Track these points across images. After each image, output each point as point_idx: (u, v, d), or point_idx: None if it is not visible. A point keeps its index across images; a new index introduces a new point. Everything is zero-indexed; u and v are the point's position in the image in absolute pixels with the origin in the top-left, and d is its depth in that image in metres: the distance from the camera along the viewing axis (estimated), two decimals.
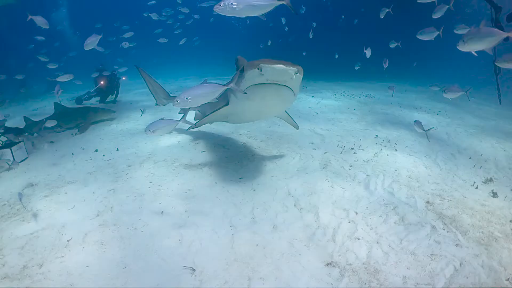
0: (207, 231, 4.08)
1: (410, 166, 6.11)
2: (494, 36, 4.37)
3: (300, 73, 4.35)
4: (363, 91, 15.12)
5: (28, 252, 3.81)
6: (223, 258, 3.58)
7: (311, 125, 8.72)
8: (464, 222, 4.33)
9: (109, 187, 5.32)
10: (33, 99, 15.43)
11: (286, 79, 4.26)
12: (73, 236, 4.05)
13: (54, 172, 6.07)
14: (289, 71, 4.16)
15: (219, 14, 3.94)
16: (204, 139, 7.45)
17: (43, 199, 5.03)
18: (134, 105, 12.29)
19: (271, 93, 4.46)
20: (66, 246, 3.87)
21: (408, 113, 10.58)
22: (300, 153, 6.60)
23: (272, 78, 4.24)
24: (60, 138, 8.26)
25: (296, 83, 4.48)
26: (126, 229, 4.17)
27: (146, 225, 4.24)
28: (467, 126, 9.30)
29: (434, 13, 7.32)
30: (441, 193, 5.10)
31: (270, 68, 4.14)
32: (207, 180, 5.47)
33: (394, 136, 7.87)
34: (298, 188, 5.13)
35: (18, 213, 4.67)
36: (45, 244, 3.94)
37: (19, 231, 4.24)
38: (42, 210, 4.71)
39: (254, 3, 3.89)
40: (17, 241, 4.02)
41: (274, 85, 4.33)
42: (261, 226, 4.16)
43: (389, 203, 4.72)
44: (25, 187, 5.51)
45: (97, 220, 4.40)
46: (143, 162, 6.32)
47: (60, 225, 4.31)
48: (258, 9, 3.94)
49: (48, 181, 5.72)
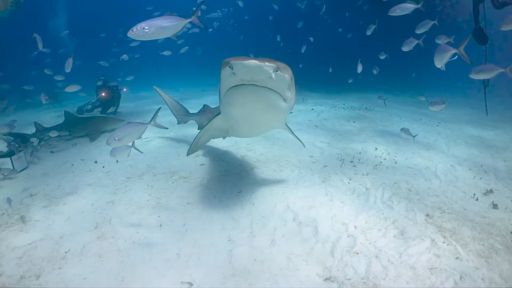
0: (205, 245, 4.06)
1: (410, 179, 6.09)
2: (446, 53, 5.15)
3: (284, 72, 3.70)
4: (363, 103, 15.14)
5: (25, 262, 3.81)
6: (221, 273, 3.56)
7: (310, 138, 8.71)
8: (464, 234, 4.31)
9: (108, 199, 5.32)
10: (33, 108, 15.66)
11: (264, 79, 3.58)
12: (71, 248, 4.05)
13: (53, 183, 6.09)
14: (264, 67, 3.47)
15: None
16: (204, 152, 7.45)
17: (42, 210, 5.04)
18: (135, 116, 12.32)
19: (249, 96, 3.84)
20: (63, 258, 3.87)
21: (408, 125, 10.56)
22: (299, 166, 6.59)
23: (246, 77, 3.60)
24: (60, 149, 8.31)
25: (281, 85, 3.80)
26: (124, 242, 4.16)
27: (144, 238, 4.24)
28: (467, 137, 9.29)
29: (417, 28, 7.56)
30: (441, 205, 5.08)
31: (241, 65, 3.48)
32: (206, 193, 5.46)
33: (393, 149, 7.87)
34: (297, 202, 5.11)
35: (17, 222, 4.69)
36: (43, 255, 3.94)
37: (17, 241, 4.25)
38: (40, 221, 4.72)
39: (164, 24, 4.18)
40: (15, 251, 4.02)
41: (251, 86, 3.68)
42: (260, 241, 4.14)
43: (388, 217, 4.70)
44: (24, 197, 5.52)
45: (95, 232, 4.40)
46: (143, 174, 6.32)
47: (58, 236, 4.31)
48: (169, 30, 4.23)
49: (47, 191, 5.73)
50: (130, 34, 4.14)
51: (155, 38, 4.29)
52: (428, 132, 9.77)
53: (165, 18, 4.24)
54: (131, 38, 4.20)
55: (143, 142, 8.45)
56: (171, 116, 8.67)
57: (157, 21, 4.17)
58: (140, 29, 4.08)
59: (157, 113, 4.69)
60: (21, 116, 13.31)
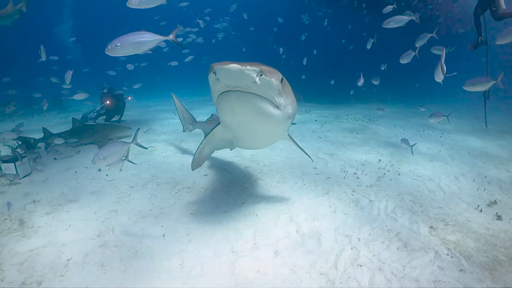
0: (208, 256, 4.06)
1: (413, 191, 6.09)
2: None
3: (270, 76, 3.48)
4: (366, 114, 15.16)
5: (27, 269, 3.83)
6: (224, 284, 3.56)
7: (314, 149, 8.73)
8: (468, 246, 4.29)
9: (111, 208, 5.35)
10: (38, 114, 15.94)
11: (248, 84, 3.39)
12: (73, 256, 4.07)
13: (56, 190, 6.14)
14: (246, 71, 3.27)
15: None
16: (208, 162, 7.47)
17: (44, 216, 5.08)
18: (139, 125, 12.37)
19: (236, 103, 3.67)
20: (66, 265, 3.89)
21: (412, 136, 10.57)
22: (303, 178, 6.59)
23: (229, 82, 3.45)
24: (64, 156, 8.39)
25: (269, 90, 3.57)
26: (127, 251, 4.18)
27: (148, 247, 4.25)
28: (470, 148, 9.28)
29: (416, 41, 7.70)
30: (444, 217, 5.07)
31: (222, 69, 3.33)
32: (210, 204, 5.47)
33: (397, 160, 7.87)
34: (301, 213, 5.11)
35: (19, 228, 4.72)
36: (45, 261, 3.96)
37: (19, 247, 4.28)
38: (43, 227, 4.75)
39: (138, 40, 4.21)
40: (16, 257, 4.05)
41: (236, 92, 3.52)
42: (263, 252, 4.14)
43: (392, 229, 4.69)
44: (27, 202, 5.57)
45: (98, 240, 4.42)
46: (146, 183, 6.36)
47: (60, 244, 4.34)
48: (144, 45, 4.25)
49: (50, 198, 5.79)
50: (107, 50, 4.20)
51: (130, 54, 4.33)
52: (431, 143, 9.76)
53: (140, 35, 4.27)
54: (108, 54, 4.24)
55: (147, 151, 8.49)
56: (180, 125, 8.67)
57: (130, 37, 4.20)
58: (115, 45, 4.13)
59: (137, 133, 4.84)
60: (27, 121, 13.46)
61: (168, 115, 15.20)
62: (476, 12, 8.82)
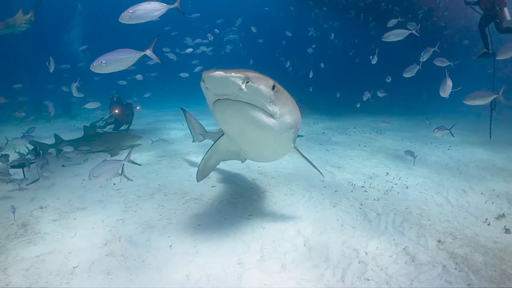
0: (215, 268, 4.07)
1: (421, 204, 6.07)
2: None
3: (258, 83, 3.38)
4: (373, 126, 15.18)
5: (33, 275, 3.87)
6: None
7: (321, 162, 8.75)
8: (476, 260, 4.26)
9: (118, 217, 5.40)
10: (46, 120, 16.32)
11: (235, 92, 3.32)
12: (80, 263, 4.11)
13: (64, 197, 6.23)
14: (230, 78, 3.22)
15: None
16: (216, 174, 7.52)
17: (51, 223, 5.16)
18: (147, 134, 12.47)
19: (227, 112, 3.62)
20: (72, 273, 3.92)
21: (419, 149, 10.55)
22: (310, 191, 6.60)
23: (217, 91, 3.41)
24: (72, 163, 8.51)
25: (258, 97, 3.45)
26: (133, 260, 4.20)
27: (154, 258, 4.27)
28: (478, 161, 9.24)
29: (421, 56, 7.84)
30: (452, 231, 5.04)
31: (209, 77, 3.30)
32: (217, 216, 5.50)
33: (404, 174, 7.86)
34: (308, 227, 5.11)
35: (26, 234, 4.79)
36: (50, 268, 4.00)
37: (25, 252, 4.34)
38: (49, 234, 4.82)
39: (120, 57, 4.42)
40: (22, 262, 4.10)
41: (225, 100, 3.46)
42: (270, 265, 4.14)
43: (399, 243, 4.68)
44: (34, 208, 5.66)
45: (104, 249, 4.46)
46: (154, 193, 6.42)
47: (67, 251, 4.38)
48: (125, 61, 4.46)
49: (57, 205, 5.87)
50: (91, 67, 4.42)
51: (113, 71, 4.51)
52: (439, 156, 9.73)
53: (121, 52, 4.47)
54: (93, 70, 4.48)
55: (154, 161, 8.56)
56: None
57: (113, 55, 4.41)
58: (99, 63, 4.35)
59: (131, 151, 4.90)
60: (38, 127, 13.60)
61: (176, 125, 15.34)
62: (480, 24, 8.89)
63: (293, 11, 24.89)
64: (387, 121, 12.36)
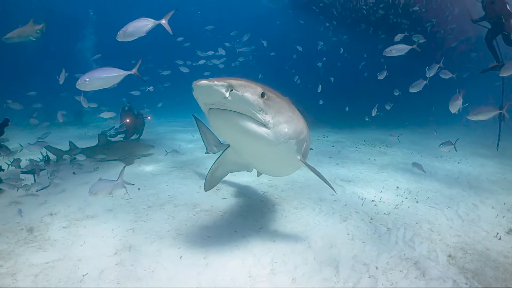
0: (225, 280, 4.10)
1: (432, 219, 6.07)
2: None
3: (242, 91, 3.27)
4: (383, 140, 15.18)
5: (42, 281, 3.92)
6: None
7: (331, 175, 8.78)
8: (487, 275, 4.27)
9: (128, 226, 5.46)
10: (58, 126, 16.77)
11: (220, 100, 3.25)
12: (89, 272, 4.15)
13: (74, 204, 6.33)
14: (214, 87, 3.16)
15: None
16: (226, 186, 7.58)
17: (61, 230, 5.24)
18: (157, 144, 12.56)
19: (217, 121, 3.54)
20: (81, 281, 3.97)
21: (429, 162, 10.54)
22: (320, 204, 6.63)
23: (204, 100, 3.38)
24: (83, 171, 8.66)
25: (245, 106, 3.32)
26: (143, 270, 4.24)
27: (164, 268, 4.30)
28: (489, 174, 9.23)
29: (428, 72, 7.99)
30: (463, 246, 5.04)
31: (195, 86, 3.26)
32: (227, 228, 5.53)
33: (415, 188, 7.86)
34: (319, 240, 5.13)
35: (35, 239, 4.88)
36: (59, 275, 4.05)
37: (35, 258, 4.40)
38: (59, 241, 4.89)
39: (103, 76, 4.61)
40: (31, 268, 4.16)
41: (214, 110, 3.40)
42: (280, 278, 4.16)
43: (410, 258, 4.69)
44: (44, 215, 5.76)
45: (114, 258, 4.51)
46: (164, 204, 6.49)
47: (76, 259, 4.44)
48: (109, 80, 4.65)
49: (67, 212, 5.97)
50: (77, 85, 4.63)
51: (97, 88, 4.70)
52: (449, 170, 9.72)
53: (105, 70, 4.66)
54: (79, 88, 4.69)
55: (165, 172, 8.67)
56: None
57: (97, 73, 4.61)
58: (84, 81, 4.56)
59: (123, 171, 4.98)
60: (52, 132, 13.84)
61: (186, 136, 15.48)
62: (487, 37, 8.94)
63: (303, 24, 25.08)
64: (394, 134, 12.43)
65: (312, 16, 25.49)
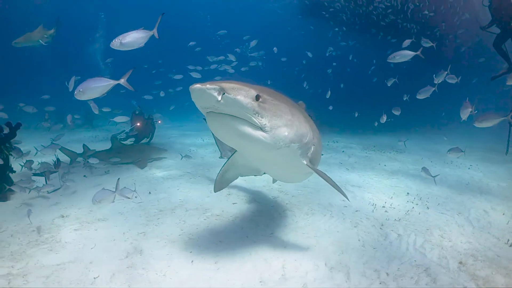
0: (236, 285, 4.14)
1: (442, 225, 6.07)
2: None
3: (234, 94, 3.20)
4: (393, 145, 15.15)
5: (53, 282, 3.97)
6: None
7: (341, 181, 8.80)
8: (498, 282, 4.27)
9: (139, 230, 5.52)
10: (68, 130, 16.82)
11: (214, 104, 3.22)
12: (101, 274, 4.20)
13: (85, 207, 6.42)
14: (206, 91, 3.15)
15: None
16: (236, 191, 7.64)
17: (72, 232, 5.32)
18: (168, 148, 12.64)
19: (213, 125, 3.51)
20: (92, 283, 4.01)
21: (440, 168, 10.50)
22: (331, 210, 6.66)
23: (200, 104, 3.37)
24: (94, 174, 8.77)
25: (239, 109, 3.26)
26: (155, 274, 4.28)
27: (176, 272, 4.34)
28: (500, 179, 9.19)
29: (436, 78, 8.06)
30: (474, 253, 5.04)
31: (190, 91, 3.27)
32: (238, 233, 5.58)
33: (425, 194, 7.85)
34: (329, 246, 5.16)
35: (47, 241, 4.96)
36: (71, 277, 4.10)
37: (46, 260, 4.47)
38: (70, 243, 4.96)
39: (93, 85, 4.89)
40: (43, 270, 4.22)
41: (210, 113, 3.39)
42: (291, 284, 4.19)
43: (420, 264, 4.70)
44: (55, 217, 5.86)
45: (125, 261, 4.55)
46: (175, 208, 6.54)
47: (88, 261, 4.49)
48: (100, 89, 4.92)
49: (78, 215, 6.06)
50: (75, 95, 4.96)
51: (91, 98, 5.04)
52: (460, 176, 9.69)
53: (96, 80, 4.96)
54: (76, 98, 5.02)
55: (176, 176, 8.74)
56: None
57: (88, 83, 4.91)
58: (78, 90, 4.87)
59: (118, 183, 5.20)
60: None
61: (197, 140, 15.53)
62: (495, 42, 8.91)
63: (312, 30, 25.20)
64: (403, 140, 12.51)
65: (321, 22, 25.56)
